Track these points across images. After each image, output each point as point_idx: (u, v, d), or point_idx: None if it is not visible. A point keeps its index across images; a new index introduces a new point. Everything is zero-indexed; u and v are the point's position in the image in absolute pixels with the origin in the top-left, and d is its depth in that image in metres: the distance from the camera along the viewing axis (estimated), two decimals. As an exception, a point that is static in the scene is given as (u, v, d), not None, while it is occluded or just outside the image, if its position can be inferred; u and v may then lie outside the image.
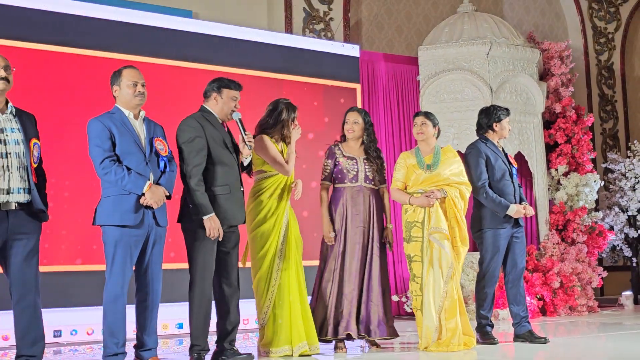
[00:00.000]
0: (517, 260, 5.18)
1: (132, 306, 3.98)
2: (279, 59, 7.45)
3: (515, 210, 5.07)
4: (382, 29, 9.17)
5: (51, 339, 5.79)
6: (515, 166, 5.36)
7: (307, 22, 8.42)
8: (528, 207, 5.15)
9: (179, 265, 5.43)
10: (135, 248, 3.90)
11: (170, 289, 5.41)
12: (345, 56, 7.94)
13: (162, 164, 4.03)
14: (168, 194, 4.02)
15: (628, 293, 8.88)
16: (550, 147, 8.78)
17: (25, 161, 3.64)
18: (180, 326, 6.48)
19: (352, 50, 8.05)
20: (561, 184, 8.60)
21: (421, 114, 5.07)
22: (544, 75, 8.89)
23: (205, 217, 4.06)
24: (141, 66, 4.41)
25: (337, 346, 4.85)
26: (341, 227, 4.91)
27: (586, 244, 8.35)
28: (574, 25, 10.34)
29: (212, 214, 4.08)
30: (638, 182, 9.27)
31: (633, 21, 10.82)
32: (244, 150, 4.35)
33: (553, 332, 6.04)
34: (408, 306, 7.62)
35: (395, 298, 7.64)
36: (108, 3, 6.58)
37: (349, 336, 4.82)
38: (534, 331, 5.12)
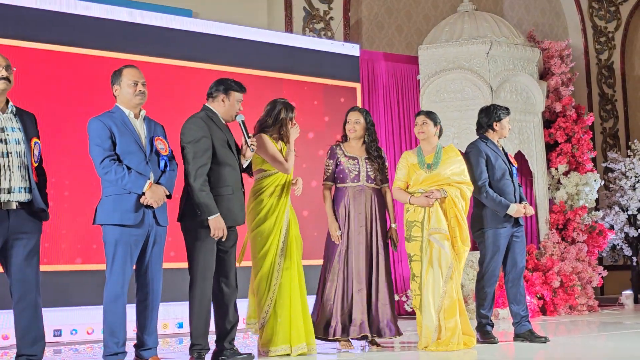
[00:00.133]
0: (517, 259, 5.18)
1: (132, 305, 3.97)
2: (279, 58, 7.44)
3: (515, 209, 5.07)
4: (382, 28, 9.16)
5: (51, 339, 5.79)
6: (515, 165, 5.35)
7: (307, 22, 8.41)
8: (528, 207, 5.15)
9: (179, 264, 5.42)
10: (135, 247, 3.89)
11: (170, 289, 5.41)
12: (345, 55, 7.94)
13: (163, 163, 4.02)
14: (168, 194, 4.01)
15: (628, 292, 8.88)
16: (550, 147, 8.78)
17: (26, 160, 3.64)
18: (180, 325, 6.48)
19: (352, 49, 8.05)
20: (561, 183, 8.59)
21: (422, 113, 5.07)
22: (544, 74, 8.89)
23: (210, 218, 4.05)
24: (141, 65, 4.41)
25: (343, 345, 4.85)
26: (344, 227, 4.91)
27: (586, 243, 8.34)
28: (574, 24, 10.33)
29: (218, 214, 4.07)
30: (638, 182, 9.26)
31: (633, 20, 10.81)
32: (247, 152, 4.36)
33: (553, 332, 6.04)
34: (408, 305, 7.62)
35: (395, 297, 7.63)
36: (108, 2, 6.57)
37: (364, 337, 4.83)
38: (534, 330, 5.12)
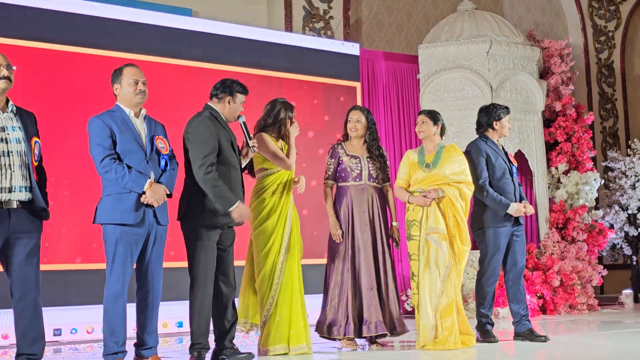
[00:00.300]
0: (517, 258, 5.17)
1: (133, 305, 3.97)
2: (279, 58, 7.44)
3: (515, 208, 5.07)
4: (382, 27, 9.16)
5: (51, 338, 5.79)
6: (515, 164, 5.35)
7: (307, 21, 8.41)
8: (528, 206, 5.15)
9: (179, 263, 5.42)
10: (135, 246, 3.89)
11: (170, 288, 5.40)
12: (345, 54, 7.94)
13: (163, 162, 4.02)
14: (169, 193, 4.02)
15: (628, 291, 8.89)
16: (550, 146, 8.78)
17: (26, 159, 3.64)
18: (180, 324, 6.48)
19: (352, 48, 8.05)
20: (561, 183, 8.59)
21: (423, 112, 5.06)
22: (544, 73, 8.89)
23: (232, 208, 4.06)
24: (141, 64, 4.40)
25: (347, 345, 4.83)
26: (348, 226, 4.91)
27: (586, 243, 8.35)
28: (574, 23, 10.33)
29: (239, 201, 4.10)
30: (638, 181, 9.27)
31: (633, 19, 10.81)
32: (248, 153, 4.38)
33: (553, 331, 6.04)
34: (408, 304, 7.62)
35: (396, 295, 7.64)
36: (108, 1, 6.57)
37: (380, 336, 4.85)
38: (534, 329, 5.12)
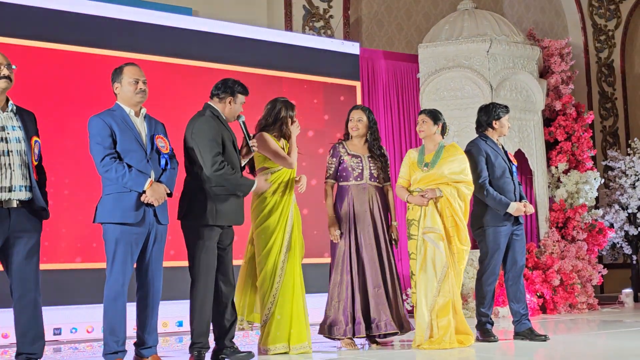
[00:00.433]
0: (517, 257, 5.17)
1: (133, 304, 3.97)
2: (279, 57, 7.44)
3: (515, 208, 5.07)
4: (382, 27, 9.16)
5: (51, 337, 5.79)
6: (515, 164, 5.35)
7: (307, 20, 8.41)
8: (528, 205, 5.14)
9: (179, 263, 5.42)
10: (136, 246, 3.89)
11: (170, 287, 5.40)
12: (345, 54, 7.94)
13: (163, 162, 4.02)
14: (169, 192, 4.01)
15: (628, 291, 8.89)
16: (550, 145, 8.77)
17: (26, 159, 3.64)
18: (180, 324, 6.48)
19: (352, 47, 8.05)
20: (561, 182, 8.59)
21: (423, 112, 5.06)
22: (544, 72, 8.89)
23: (255, 187, 4.23)
24: (140, 63, 4.40)
25: (347, 345, 4.83)
26: (350, 225, 4.91)
27: (586, 242, 8.35)
28: (574, 22, 10.33)
29: (255, 180, 4.27)
30: (638, 180, 9.27)
31: (633, 19, 10.81)
32: (248, 153, 4.39)
33: (553, 330, 6.04)
34: (408, 304, 7.62)
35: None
36: (108, 1, 6.56)
37: (390, 334, 4.85)
38: (534, 329, 5.12)
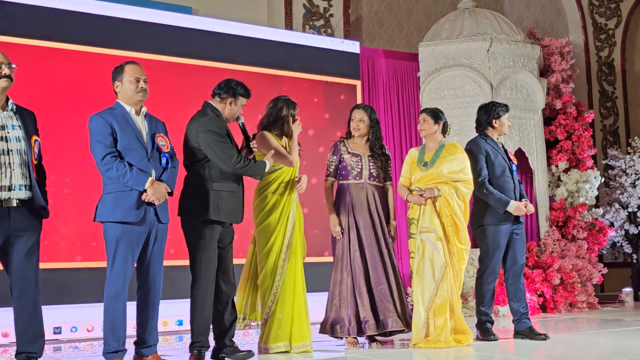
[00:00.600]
0: (517, 256, 5.17)
1: (133, 303, 3.97)
2: (279, 56, 7.43)
3: (515, 206, 5.06)
4: (383, 25, 9.15)
5: (51, 336, 5.79)
6: (515, 162, 5.35)
7: (307, 19, 8.40)
8: (529, 205, 5.13)
9: (180, 262, 5.42)
10: (136, 245, 3.88)
11: (170, 286, 5.41)
12: (345, 52, 7.93)
13: (164, 160, 4.02)
14: (170, 191, 4.01)
15: (628, 290, 8.89)
16: (550, 144, 8.77)
17: (26, 158, 3.64)
18: (180, 323, 6.48)
19: (353, 46, 8.04)
20: (561, 181, 8.59)
21: (424, 111, 5.07)
22: (545, 71, 8.88)
23: (268, 167, 4.33)
24: (141, 62, 4.40)
25: (350, 344, 4.82)
26: (351, 223, 4.90)
27: (586, 241, 8.35)
28: (575, 21, 10.32)
29: (267, 161, 4.33)
30: (638, 179, 9.26)
31: (634, 17, 10.80)
32: (248, 154, 4.39)
33: (553, 329, 6.04)
34: (410, 302, 7.62)
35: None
36: (108, 0, 6.57)
37: (397, 332, 4.85)
38: (534, 328, 5.12)
